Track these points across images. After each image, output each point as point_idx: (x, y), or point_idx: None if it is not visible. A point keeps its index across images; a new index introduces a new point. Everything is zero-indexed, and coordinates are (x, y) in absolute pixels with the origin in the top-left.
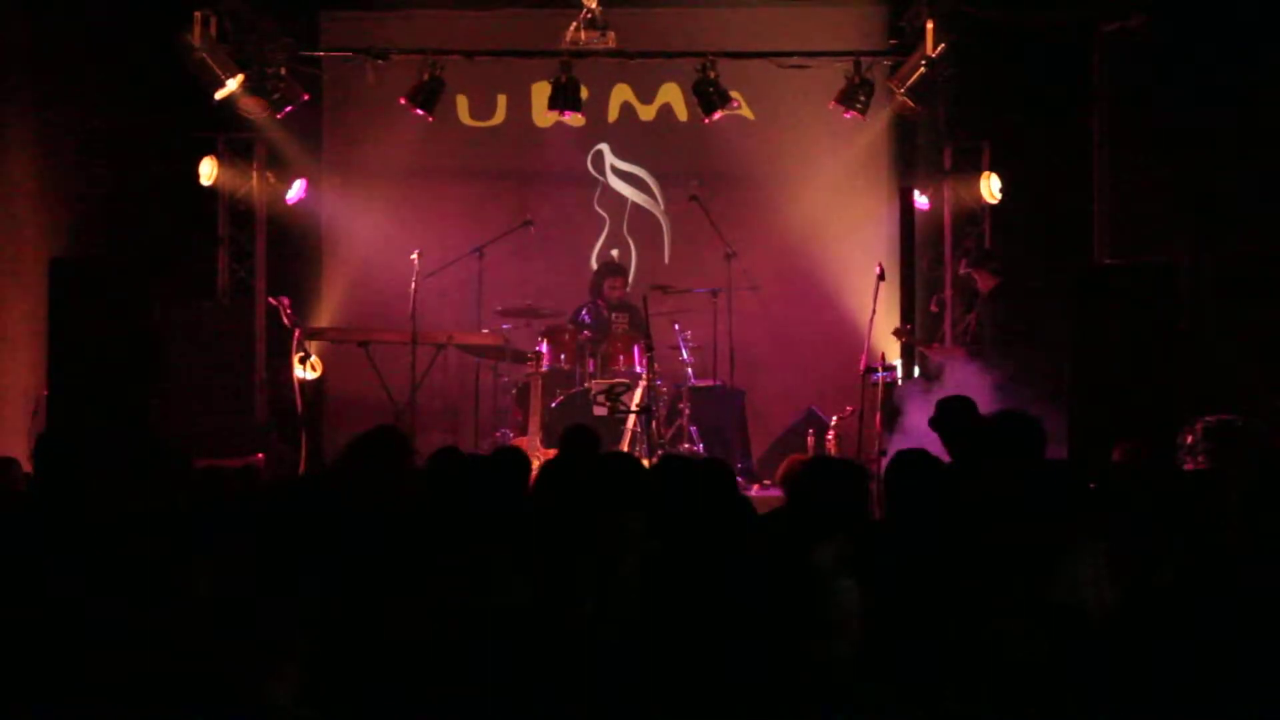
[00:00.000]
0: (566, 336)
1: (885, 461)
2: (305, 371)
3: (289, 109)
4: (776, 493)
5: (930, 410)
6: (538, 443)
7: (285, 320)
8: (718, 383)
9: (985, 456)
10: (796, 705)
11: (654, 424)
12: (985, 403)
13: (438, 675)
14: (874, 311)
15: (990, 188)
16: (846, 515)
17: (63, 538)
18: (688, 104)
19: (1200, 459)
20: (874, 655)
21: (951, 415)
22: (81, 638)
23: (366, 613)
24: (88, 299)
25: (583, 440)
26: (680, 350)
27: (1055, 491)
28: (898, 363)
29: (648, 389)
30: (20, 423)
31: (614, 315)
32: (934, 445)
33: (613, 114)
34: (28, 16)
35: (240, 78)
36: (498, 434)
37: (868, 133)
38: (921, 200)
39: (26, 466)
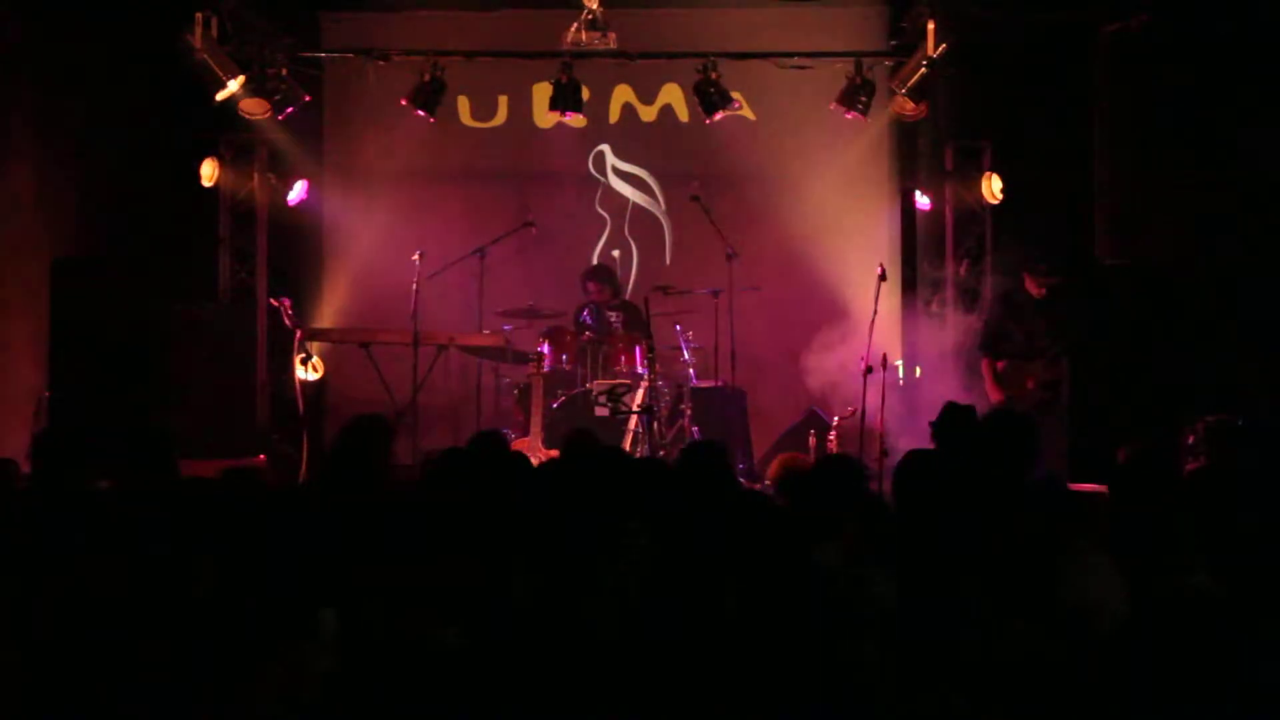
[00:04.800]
0: (568, 337)
1: (887, 461)
2: (307, 373)
3: (290, 110)
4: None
5: None
6: (539, 443)
7: (286, 321)
8: (719, 383)
9: (980, 459)
10: (803, 706)
11: (655, 425)
12: None
13: (442, 680)
14: (875, 312)
15: (991, 188)
16: (848, 513)
17: (62, 536)
18: (689, 104)
19: (1201, 459)
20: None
21: (951, 421)
22: (81, 638)
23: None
24: (89, 299)
25: (584, 446)
26: (682, 351)
27: (1060, 493)
28: (899, 363)
29: (649, 389)
30: (21, 423)
31: (611, 315)
32: None
33: (614, 115)
34: (28, 17)
35: (241, 79)
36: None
37: (869, 133)
38: (923, 200)
39: (25, 466)
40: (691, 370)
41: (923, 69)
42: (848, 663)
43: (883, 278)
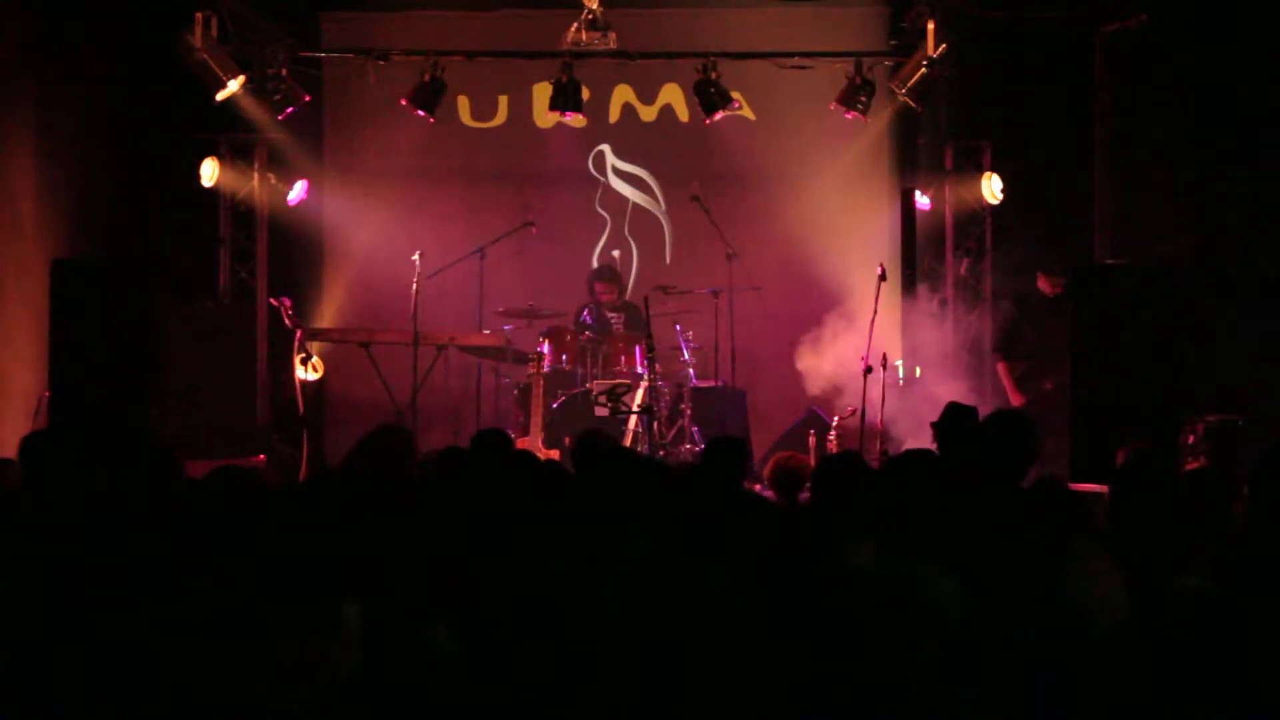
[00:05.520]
0: (568, 337)
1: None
2: (306, 372)
3: (290, 110)
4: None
5: None
6: (539, 443)
7: (286, 321)
8: (719, 383)
9: (979, 458)
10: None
11: (655, 425)
12: None
13: (438, 682)
14: (875, 311)
15: (991, 188)
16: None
17: (57, 537)
18: (689, 104)
19: (1201, 459)
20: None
21: (954, 420)
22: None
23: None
24: (89, 299)
25: (598, 447)
26: (681, 351)
27: (1060, 493)
28: (899, 362)
29: (649, 389)
30: (21, 423)
31: (612, 315)
32: None
33: (614, 115)
34: (29, 17)
35: (241, 79)
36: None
37: (869, 133)
38: (923, 200)
39: None
40: (691, 370)
41: (923, 69)
42: (898, 664)
43: (883, 277)
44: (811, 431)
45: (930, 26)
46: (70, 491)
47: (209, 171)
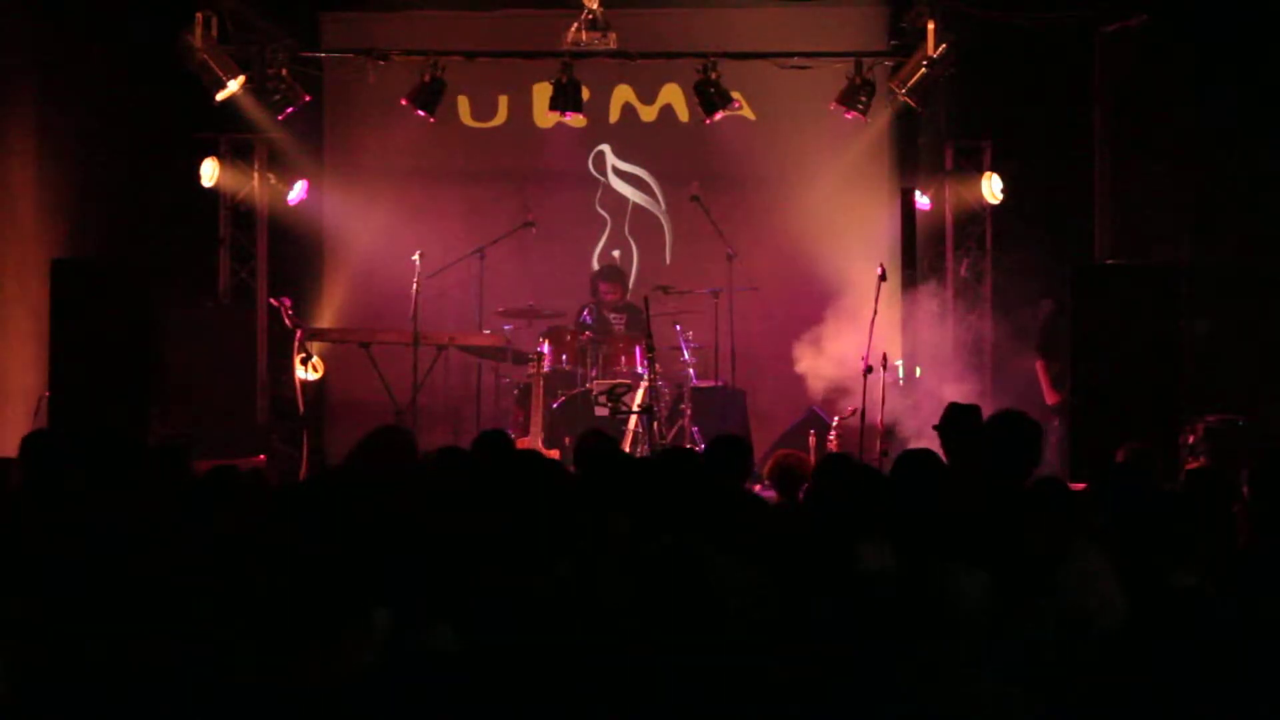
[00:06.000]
0: (568, 337)
1: (888, 462)
2: (307, 372)
3: (290, 110)
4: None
5: None
6: (539, 444)
7: (286, 321)
8: (719, 383)
9: (983, 459)
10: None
11: (655, 425)
12: None
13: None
14: (875, 311)
15: (991, 188)
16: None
17: (57, 537)
18: (689, 104)
19: (1201, 459)
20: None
21: (956, 421)
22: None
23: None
24: (89, 299)
25: (599, 448)
26: (681, 351)
27: (1061, 493)
28: (899, 362)
29: (649, 390)
30: (21, 423)
31: (613, 316)
32: None
33: (614, 115)
34: (29, 18)
35: (241, 79)
36: None
37: (869, 133)
38: (923, 200)
39: None
40: (691, 370)
41: (923, 69)
42: (900, 664)
43: (883, 278)
44: (811, 431)
45: (930, 26)
46: (70, 491)
47: (209, 171)
